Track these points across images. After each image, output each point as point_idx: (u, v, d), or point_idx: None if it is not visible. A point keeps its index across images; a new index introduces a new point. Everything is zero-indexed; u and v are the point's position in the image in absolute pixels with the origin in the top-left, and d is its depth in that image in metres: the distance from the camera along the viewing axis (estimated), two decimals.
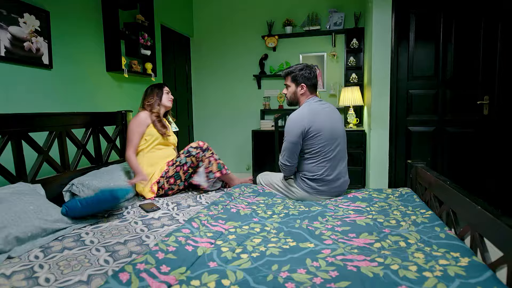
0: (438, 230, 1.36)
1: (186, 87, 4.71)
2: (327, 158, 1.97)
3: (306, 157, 2.01)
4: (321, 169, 1.96)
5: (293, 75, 2.07)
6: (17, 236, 1.36)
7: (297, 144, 1.97)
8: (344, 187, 2.04)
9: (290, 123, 1.99)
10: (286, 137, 2.01)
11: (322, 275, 1.05)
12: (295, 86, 2.09)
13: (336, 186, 2.00)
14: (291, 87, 2.11)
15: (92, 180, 2.04)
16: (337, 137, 2.02)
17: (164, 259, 1.14)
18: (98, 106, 2.81)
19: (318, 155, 1.97)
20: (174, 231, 1.37)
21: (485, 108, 3.11)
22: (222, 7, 4.65)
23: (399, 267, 1.07)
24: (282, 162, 2.05)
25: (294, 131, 1.96)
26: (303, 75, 2.05)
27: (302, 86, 2.07)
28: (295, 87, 2.09)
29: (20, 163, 1.71)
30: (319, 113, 1.99)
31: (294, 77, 2.07)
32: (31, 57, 2.22)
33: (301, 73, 2.05)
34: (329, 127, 1.98)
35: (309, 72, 2.06)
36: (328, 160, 1.97)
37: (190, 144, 2.23)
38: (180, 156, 2.20)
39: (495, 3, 2.95)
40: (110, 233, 1.54)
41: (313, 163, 1.98)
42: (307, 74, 2.06)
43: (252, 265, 1.13)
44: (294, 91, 2.10)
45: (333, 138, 1.99)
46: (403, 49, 3.24)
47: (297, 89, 2.09)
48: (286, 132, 2.01)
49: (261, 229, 1.48)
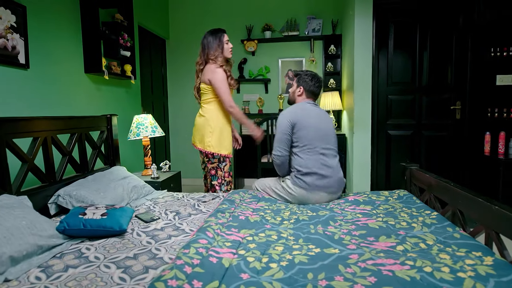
0: (451, 231, 1.40)
1: (162, 90, 4.55)
2: (317, 152, 2.05)
3: (296, 151, 2.09)
4: (312, 163, 2.03)
5: (298, 77, 2.23)
6: (11, 255, 1.21)
7: (287, 134, 2.09)
8: (341, 184, 2.08)
9: (281, 117, 2.13)
10: (277, 130, 2.14)
11: (361, 281, 1.03)
12: (296, 86, 2.24)
13: (332, 182, 2.02)
14: (293, 86, 2.26)
15: (80, 190, 1.88)
16: (327, 135, 2.11)
17: (192, 273, 1.06)
18: (76, 109, 2.61)
19: (308, 149, 2.05)
20: (192, 242, 1.29)
21: (458, 113, 3.31)
22: (199, 9, 4.56)
23: (432, 269, 1.08)
24: (274, 153, 2.14)
25: (284, 123, 2.10)
26: (304, 80, 2.19)
27: (300, 88, 2.22)
28: (295, 87, 2.24)
29: (4, 173, 1.53)
30: (309, 111, 2.13)
31: (298, 79, 2.23)
32: (7, 55, 2.01)
33: (304, 77, 2.20)
34: (317, 125, 2.09)
35: (311, 79, 2.19)
36: (318, 155, 2.05)
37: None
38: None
39: (467, 17, 3.17)
40: (114, 247, 1.42)
41: (303, 157, 2.05)
42: (308, 80, 2.19)
43: (285, 275, 1.09)
44: (294, 91, 2.26)
45: (321, 135, 2.09)
46: (383, 56, 3.38)
47: (296, 89, 2.24)
48: (278, 125, 2.14)
49: (278, 236, 1.44)
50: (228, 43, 2.39)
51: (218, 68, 2.32)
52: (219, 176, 2.43)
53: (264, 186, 2.27)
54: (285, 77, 4.38)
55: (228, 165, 2.44)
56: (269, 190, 2.21)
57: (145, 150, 2.76)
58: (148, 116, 2.77)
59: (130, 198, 2.11)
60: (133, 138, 2.67)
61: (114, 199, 1.96)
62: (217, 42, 2.35)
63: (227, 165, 2.44)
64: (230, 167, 2.46)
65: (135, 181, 2.28)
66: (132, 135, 2.67)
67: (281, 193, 2.12)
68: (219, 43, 2.35)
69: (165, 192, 2.40)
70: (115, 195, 1.99)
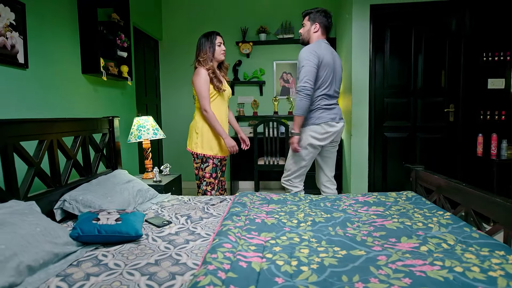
0: (468, 231, 1.43)
1: (155, 92, 4.47)
2: (335, 92, 2.42)
3: (319, 85, 2.32)
4: (330, 99, 2.38)
5: (310, 14, 2.34)
6: (29, 264, 1.15)
7: (315, 67, 2.24)
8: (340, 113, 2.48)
9: (306, 51, 2.25)
10: (304, 63, 2.23)
11: (397, 283, 1.04)
12: (310, 24, 2.36)
13: (338, 114, 2.43)
14: (306, 26, 2.38)
15: (86, 195, 1.81)
16: (340, 78, 2.44)
17: (227, 278, 1.04)
18: (73, 112, 2.53)
19: (327, 87, 2.33)
20: (216, 247, 1.27)
21: (451, 115, 3.41)
22: (193, 10, 4.52)
23: (463, 269, 1.10)
24: (302, 85, 2.24)
25: (311, 57, 2.23)
26: (319, 16, 2.34)
27: (316, 25, 2.34)
28: (310, 25, 2.36)
29: (11, 177, 1.46)
30: (328, 51, 2.33)
31: (311, 17, 2.35)
32: (6, 54, 1.92)
33: (317, 14, 2.34)
34: (333, 67, 2.35)
35: (324, 15, 2.34)
36: (334, 92, 2.41)
37: None
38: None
39: (459, 22, 3.27)
40: (131, 253, 1.37)
41: (325, 94, 2.35)
42: (322, 16, 2.34)
43: (319, 278, 1.08)
44: (308, 29, 2.37)
45: (337, 78, 2.40)
46: (379, 60, 3.44)
47: (311, 27, 2.36)
48: (304, 59, 2.24)
49: (300, 239, 1.43)
50: (221, 45, 2.39)
51: (200, 69, 2.32)
52: (200, 176, 2.44)
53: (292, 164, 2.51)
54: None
55: (211, 166, 2.43)
56: (292, 163, 2.49)
57: (146, 153, 2.70)
58: (149, 118, 2.71)
59: (136, 202, 2.06)
60: (134, 140, 2.60)
61: (121, 203, 1.90)
62: (208, 44, 2.36)
63: (209, 166, 2.42)
64: (213, 169, 2.44)
65: (139, 184, 2.22)
66: (133, 137, 2.61)
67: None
68: (211, 45, 2.36)
69: (169, 195, 2.35)
70: (122, 200, 1.93)
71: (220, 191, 2.55)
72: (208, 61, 2.35)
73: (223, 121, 2.47)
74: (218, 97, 2.43)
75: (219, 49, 2.38)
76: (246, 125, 4.47)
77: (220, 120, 2.44)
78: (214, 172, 2.45)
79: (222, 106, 2.48)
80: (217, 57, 2.39)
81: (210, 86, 2.35)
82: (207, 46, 2.36)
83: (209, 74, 2.33)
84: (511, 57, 3.16)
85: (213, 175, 2.45)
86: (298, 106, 2.30)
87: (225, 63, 2.53)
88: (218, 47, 2.38)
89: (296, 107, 2.32)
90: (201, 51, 2.37)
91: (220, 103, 2.46)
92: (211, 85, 2.35)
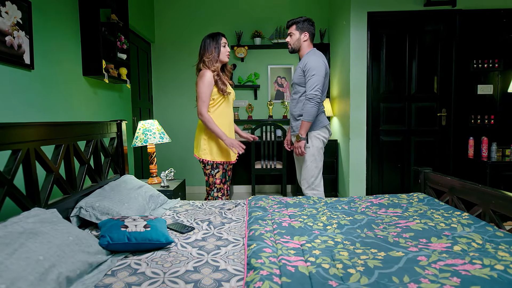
0: (491, 230, 1.49)
1: (147, 95, 4.38)
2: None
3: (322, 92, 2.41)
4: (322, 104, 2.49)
5: (299, 24, 2.42)
6: (68, 275, 1.09)
7: (324, 77, 2.35)
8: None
9: (318, 61, 2.34)
10: (315, 72, 2.32)
11: (448, 282, 1.06)
12: (299, 33, 2.43)
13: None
14: (295, 35, 2.44)
15: (102, 202, 1.74)
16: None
17: (283, 283, 1.03)
18: (74, 115, 2.43)
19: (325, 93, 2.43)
20: (258, 252, 1.25)
21: (443, 120, 3.55)
22: (186, 13, 4.47)
23: (504, 267, 1.14)
24: (313, 93, 2.33)
25: (323, 67, 2.35)
26: (307, 25, 2.42)
27: (306, 34, 2.43)
28: (299, 34, 2.43)
29: (32, 184, 1.38)
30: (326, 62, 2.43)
31: (299, 26, 2.42)
32: (13, 54, 1.82)
33: (305, 23, 2.42)
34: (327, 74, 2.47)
35: (311, 24, 2.44)
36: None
37: None
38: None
39: (450, 30, 3.42)
40: (165, 260, 1.33)
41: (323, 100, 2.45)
42: (310, 24, 2.43)
43: (371, 281, 1.09)
44: (298, 38, 2.44)
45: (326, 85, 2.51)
46: (376, 65, 3.54)
47: (301, 36, 2.43)
48: (315, 68, 2.32)
49: (334, 242, 1.44)
50: (226, 46, 2.36)
51: (206, 72, 2.27)
52: (210, 183, 2.40)
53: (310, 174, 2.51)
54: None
55: (221, 172, 2.40)
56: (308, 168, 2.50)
57: (151, 157, 2.63)
58: (154, 122, 2.64)
59: (149, 208, 2.00)
60: (140, 144, 2.53)
61: (138, 210, 1.84)
62: (214, 44, 2.32)
63: (220, 171, 2.39)
64: (223, 174, 2.42)
65: (150, 190, 2.16)
66: (138, 141, 2.53)
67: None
68: (216, 45, 2.32)
69: (179, 200, 2.30)
70: (138, 206, 1.87)
71: (226, 197, 2.52)
72: (214, 62, 2.30)
73: (230, 125, 2.45)
74: (224, 101, 2.38)
75: (224, 50, 2.35)
76: (241, 129, 4.46)
77: (228, 124, 2.41)
78: (223, 177, 2.42)
79: (229, 110, 2.45)
80: (222, 58, 2.35)
81: (215, 89, 2.29)
82: (213, 46, 2.31)
83: (214, 76, 2.29)
84: (499, 65, 3.35)
85: (223, 180, 2.42)
86: (309, 112, 2.35)
87: (228, 66, 2.49)
88: (223, 48, 2.34)
89: (307, 113, 2.35)
90: (206, 51, 2.31)
91: (226, 107, 2.42)
92: (216, 88, 2.30)
